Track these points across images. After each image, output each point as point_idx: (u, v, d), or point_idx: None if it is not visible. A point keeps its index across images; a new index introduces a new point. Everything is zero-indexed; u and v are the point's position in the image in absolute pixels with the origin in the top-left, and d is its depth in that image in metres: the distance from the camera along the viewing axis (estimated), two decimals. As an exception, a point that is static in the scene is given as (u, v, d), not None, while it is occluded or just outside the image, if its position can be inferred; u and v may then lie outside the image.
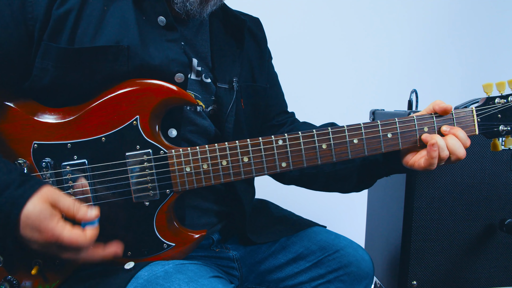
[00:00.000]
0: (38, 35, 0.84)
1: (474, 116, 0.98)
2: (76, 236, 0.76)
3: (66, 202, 0.78)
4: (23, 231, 0.74)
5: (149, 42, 0.91)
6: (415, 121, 0.95)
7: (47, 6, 0.84)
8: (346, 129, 0.93)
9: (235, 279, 1.12)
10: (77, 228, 0.77)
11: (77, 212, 0.78)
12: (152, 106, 0.87)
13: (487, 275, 1.48)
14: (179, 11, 0.98)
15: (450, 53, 2.48)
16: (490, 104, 0.98)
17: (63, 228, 0.75)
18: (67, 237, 0.75)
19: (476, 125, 0.98)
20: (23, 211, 0.73)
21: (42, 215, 0.74)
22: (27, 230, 0.74)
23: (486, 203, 1.45)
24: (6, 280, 0.87)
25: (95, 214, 0.80)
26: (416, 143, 0.96)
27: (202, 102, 1.04)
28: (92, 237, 0.78)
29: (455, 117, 0.97)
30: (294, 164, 0.92)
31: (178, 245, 0.91)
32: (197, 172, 0.90)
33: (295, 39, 2.28)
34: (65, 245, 0.76)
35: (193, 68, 1.02)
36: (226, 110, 1.05)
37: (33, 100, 0.89)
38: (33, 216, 0.74)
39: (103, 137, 0.87)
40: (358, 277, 1.11)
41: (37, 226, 0.74)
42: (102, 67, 0.86)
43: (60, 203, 0.77)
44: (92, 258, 0.82)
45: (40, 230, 0.74)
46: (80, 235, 0.76)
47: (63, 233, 0.75)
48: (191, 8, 0.97)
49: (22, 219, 0.74)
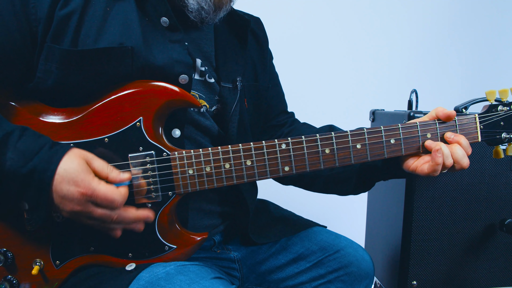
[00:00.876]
0: (42, 37, 0.84)
1: (477, 123, 0.98)
2: (111, 190, 0.78)
3: (99, 163, 0.81)
4: (59, 186, 0.76)
5: (152, 43, 0.91)
6: (418, 127, 0.95)
7: (50, 7, 0.83)
8: (350, 134, 0.93)
9: (235, 279, 1.12)
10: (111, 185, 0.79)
11: (110, 172, 0.81)
12: (156, 107, 0.87)
13: (487, 275, 1.48)
14: (195, 19, 0.99)
15: (450, 53, 2.48)
16: (493, 111, 0.99)
17: (99, 182, 0.78)
18: (103, 190, 0.77)
19: (478, 132, 0.98)
20: (59, 166, 0.76)
21: (80, 167, 0.77)
22: (63, 185, 0.76)
23: (486, 203, 1.46)
24: (6, 280, 0.87)
25: (128, 176, 0.83)
26: (419, 149, 0.96)
27: (206, 102, 1.04)
28: (126, 195, 0.81)
29: (458, 124, 0.97)
30: (297, 168, 0.92)
31: (179, 248, 0.91)
32: (199, 174, 0.90)
33: (295, 39, 2.28)
34: (99, 201, 0.77)
35: (196, 68, 1.02)
36: (230, 110, 1.05)
37: (36, 100, 0.89)
38: (71, 169, 0.77)
39: (106, 138, 0.87)
40: (358, 277, 1.11)
41: (74, 178, 0.76)
42: (106, 68, 0.86)
43: (94, 163, 0.81)
44: (124, 218, 0.83)
45: (76, 183, 0.76)
46: (115, 190, 0.79)
47: (99, 186, 0.77)
48: (206, 15, 0.98)
49: (58, 173, 0.76)
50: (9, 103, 0.87)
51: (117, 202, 0.79)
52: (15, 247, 0.87)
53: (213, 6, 0.97)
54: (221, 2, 0.98)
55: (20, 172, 0.76)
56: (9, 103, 0.87)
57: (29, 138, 0.79)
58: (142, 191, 0.88)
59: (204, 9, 0.97)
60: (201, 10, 0.97)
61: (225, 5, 0.99)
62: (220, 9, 0.99)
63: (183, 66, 0.93)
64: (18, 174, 0.76)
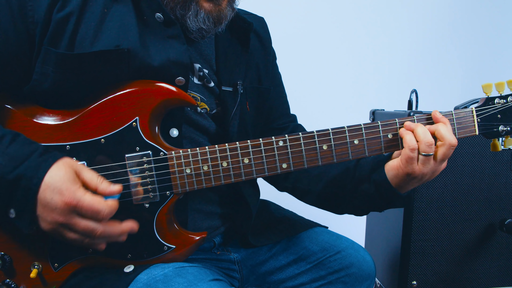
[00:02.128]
0: (39, 39, 0.84)
1: (474, 117, 0.97)
2: (97, 201, 0.75)
3: (89, 174, 0.79)
4: (43, 194, 0.74)
5: (150, 42, 0.90)
6: (416, 122, 0.94)
7: (47, 10, 0.83)
8: (347, 130, 0.93)
9: (235, 281, 1.11)
10: (98, 196, 0.76)
11: (99, 184, 0.78)
12: (152, 107, 0.87)
13: (487, 275, 1.48)
14: (195, 39, 0.99)
15: (450, 53, 2.48)
16: (489, 104, 0.98)
17: (85, 193, 0.75)
18: (88, 201, 0.74)
19: (476, 126, 0.97)
20: (47, 174, 0.74)
21: (66, 177, 0.75)
22: (47, 193, 0.74)
23: (486, 203, 1.46)
24: (4, 284, 0.86)
25: (118, 188, 0.79)
26: None
27: (206, 104, 1.03)
28: (113, 207, 0.77)
29: (455, 118, 0.96)
30: (294, 165, 0.92)
31: (178, 247, 0.90)
32: (197, 173, 0.89)
33: (295, 39, 2.28)
34: (84, 212, 0.74)
35: (195, 72, 1.02)
36: (230, 113, 1.04)
37: (32, 103, 0.88)
38: (57, 177, 0.74)
39: (102, 139, 0.86)
40: (359, 278, 1.10)
41: (59, 187, 0.73)
42: (103, 71, 0.86)
43: (83, 173, 0.78)
44: (109, 233, 0.79)
45: (61, 192, 0.73)
46: (101, 201, 0.76)
47: (84, 197, 0.74)
48: (206, 33, 0.98)
49: (44, 182, 0.74)
50: (4, 105, 0.87)
51: (102, 213, 0.75)
52: (13, 250, 0.86)
53: (213, 24, 0.96)
54: (220, 17, 0.97)
55: (6, 178, 0.74)
56: (4, 106, 0.87)
57: (19, 144, 0.78)
58: (140, 191, 0.88)
59: (204, 29, 0.96)
60: (201, 30, 0.96)
61: (224, 19, 0.98)
62: (220, 23, 0.98)
63: (180, 67, 0.92)
64: (4, 179, 0.74)
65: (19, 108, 0.87)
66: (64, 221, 0.75)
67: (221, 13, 0.97)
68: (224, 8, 0.97)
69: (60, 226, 0.76)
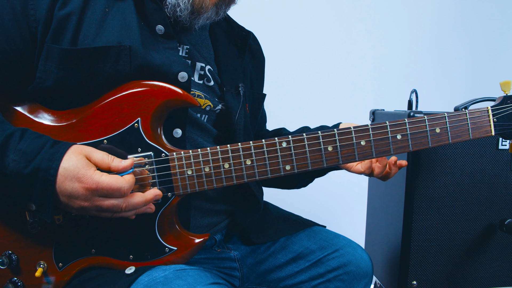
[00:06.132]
0: (41, 37, 0.85)
1: (490, 116, 0.92)
2: (115, 179, 0.78)
3: (99, 154, 0.81)
4: (63, 185, 0.76)
5: (150, 46, 0.91)
6: (426, 122, 0.91)
7: (49, 8, 0.84)
8: (353, 131, 0.90)
9: (236, 280, 1.12)
10: (114, 175, 0.79)
11: (111, 162, 0.80)
12: (154, 108, 0.87)
13: (487, 275, 1.48)
14: (169, 14, 0.97)
15: (450, 53, 2.48)
16: (507, 103, 0.93)
17: (101, 175, 0.78)
18: (107, 181, 0.77)
19: (492, 126, 0.93)
20: (61, 164, 0.76)
21: (80, 164, 0.77)
22: (67, 183, 0.76)
23: (486, 203, 1.46)
24: (11, 282, 0.88)
25: (130, 163, 0.82)
26: (428, 145, 0.91)
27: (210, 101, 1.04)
28: (131, 181, 0.80)
29: (469, 117, 0.92)
30: (298, 167, 0.90)
31: (180, 249, 0.90)
32: (198, 175, 0.89)
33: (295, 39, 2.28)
34: (105, 192, 0.77)
35: (196, 70, 1.03)
36: (234, 114, 1.05)
37: (36, 103, 0.89)
38: (71, 166, 0.76)
39: (105, 140, 0.87)
40: (357, 276, 1.11)
41: (76, 175, 0.76)
42: (104, 67, 0.86)
43: (93, 156, 0.80)
44: (134, 204, 0.82)
45: (79, 179, 0.76)
46: (119, 179, 0.78)
47: (102, 178, 0.77)
48: (181, 15, 0.96)
49: (60, 172, 0.76)
50: (10, 107, 0.88)
51: (123, 189, 0.78)
52: (20, 249, 0.88)
53: (190, 7, 0.96)
54: (200, 7, 0.96)
55: (23, 173, 0.76)
56: (10, 107, 0.88)
57: (29, 139, 0.79)
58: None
59: (180, 7, 0.95)
60: (177, 6, 0.95)
61: (205, 12, 0.98)
62: (199, 14, 0.97)
63: (181, 64, 0.93)
64: (21, 174, 0.76)
65: (24, 109, 0.88)
66: (90, 205, 0.78)
67: (203, 5, 0.96)
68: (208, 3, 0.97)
69: (87, 209, 0.79)
